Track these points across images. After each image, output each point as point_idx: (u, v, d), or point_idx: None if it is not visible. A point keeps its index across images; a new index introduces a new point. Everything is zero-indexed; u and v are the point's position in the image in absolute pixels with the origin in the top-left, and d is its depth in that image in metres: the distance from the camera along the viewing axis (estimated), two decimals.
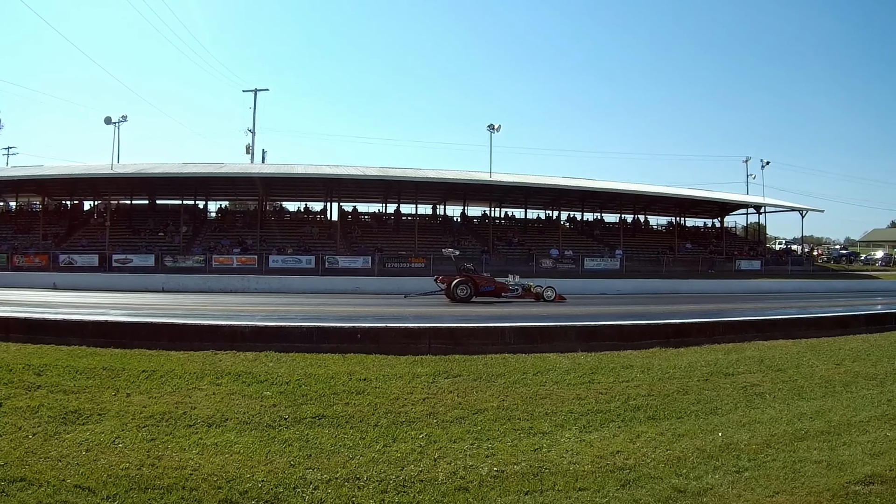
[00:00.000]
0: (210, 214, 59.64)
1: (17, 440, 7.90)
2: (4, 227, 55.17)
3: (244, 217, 59.36)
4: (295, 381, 10.38)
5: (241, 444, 7.80)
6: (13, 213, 59.96)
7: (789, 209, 62.02)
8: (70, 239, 51.47)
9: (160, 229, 53.08)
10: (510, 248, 54.73)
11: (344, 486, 6.68)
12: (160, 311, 20.70)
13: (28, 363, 11.33)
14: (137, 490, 6.51)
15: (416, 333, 13.54)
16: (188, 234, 52.01)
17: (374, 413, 9.03)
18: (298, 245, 50.07)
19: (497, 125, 53.08)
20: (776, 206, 63.32)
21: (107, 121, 51.86)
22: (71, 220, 55.95)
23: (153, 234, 52.05)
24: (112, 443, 7.78)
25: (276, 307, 23.02)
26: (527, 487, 6.70)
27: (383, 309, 23.14)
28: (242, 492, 6.51)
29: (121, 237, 50.26)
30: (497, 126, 53.04)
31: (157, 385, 10.18)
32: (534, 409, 9.39)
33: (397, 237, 54.68)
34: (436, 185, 53.99)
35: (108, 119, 51.91)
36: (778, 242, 79.54)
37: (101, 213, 55.70)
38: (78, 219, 56.51)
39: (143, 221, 55.02)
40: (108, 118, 51.81)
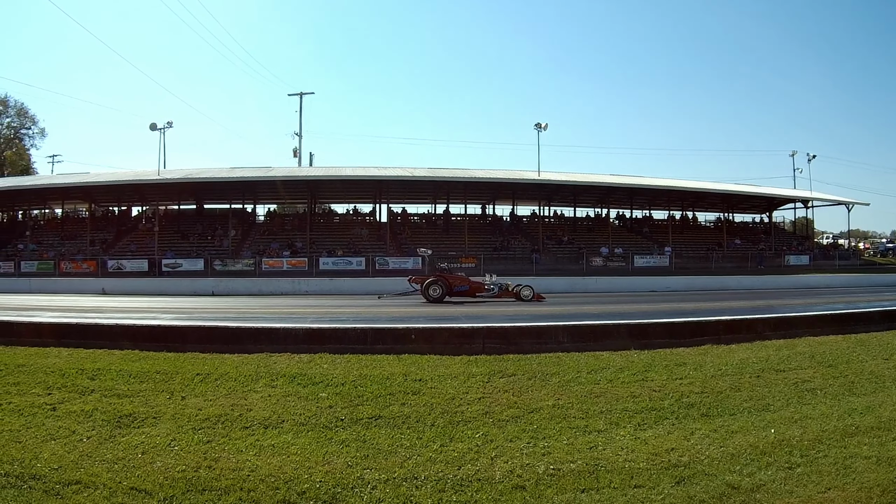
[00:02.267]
0: (259, 218, 60.48)
1: (71, 444, 8.15)
2: (51, 234, 56.95)
3: (293, 220, 60.11)
4: (351, 383, 10.51)
5: (298, 445, 7.94)
6: (59, 219, 61.57)
7: (836, 203, 61.64)
8: (118, 244, 52.84)
9: (209, 233, 54.12)
10: (560, 246, 54.59)
11: (402, 485, 6.78)
12: (211, 314, 21.08)
13: (81, 368, 11.68)
14: (194, 492, 6.67)
15: (469, 333, 13.56)
16: (237, 238, 52.87)
17: (431, 413, 9.12)
18: (348, 247, 50.55)
19: (544, 124, 53.46)
20: (823, 201, 62.82)
21: (152, 127, 53.07)
22: (119, 225, 57.41)
23: (202, 239, 53.09)
24: (168, 445, 7.96)
25: (327, 309, 23.31)
26: (583, 485, 6.76)
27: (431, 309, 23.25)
28: (300, 492, 6.62)
29: (169, 242, 51.36)
30: (544, 125, 53.40)
31: (213, 388, 10.41)
32: (589, 407, 9.41)
33: (447, 237, 54.90)
34: (484, 184, 54.30)
35: (154, 125, 53.14)
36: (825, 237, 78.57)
37: (149, 219, 57.02)
38: (126, 224, 57.96)
39: (191, 226, 56.16)
40: (153, 124, 53.07)
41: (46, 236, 56.92)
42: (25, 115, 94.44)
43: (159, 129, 53.34)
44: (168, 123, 53.74)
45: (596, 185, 55.34)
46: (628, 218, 64.59)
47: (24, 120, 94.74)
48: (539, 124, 53.20)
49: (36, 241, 54.96)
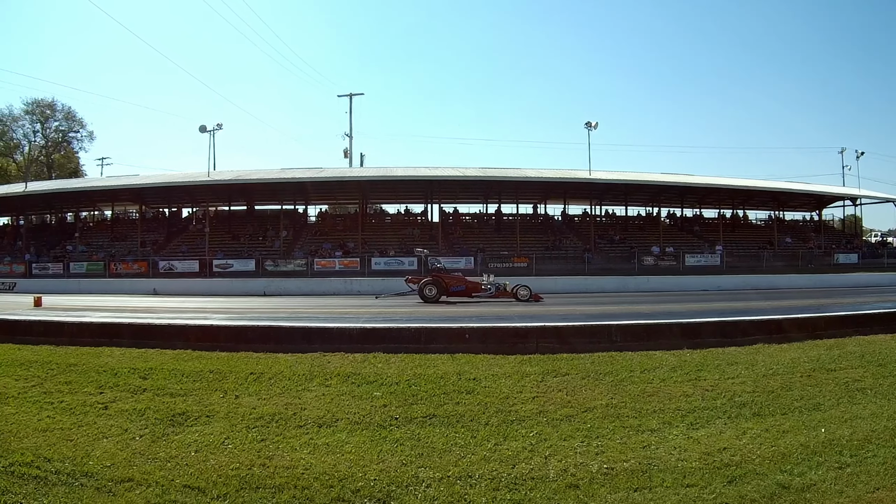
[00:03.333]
0: (310, 218, 60.97)
1: (123, 442, 8.35)
2: (100, 235, 58.28)
3: (345, 220, 60.61)
4: (405, 382, 10.64)
5: (353, 443, 8.04)
6: (109, 221, 62.84)
7: (885, 200, 60.91)
8: (169, 245, 53.92)
9: (260, 234, 54.82)
10: (611, 246, 54.48)
11: (456, 483, 6.86)
12: (264, 314, 21.35)
13: (133, 367, 11.96)
14: (248, 489, 6.79)
15: (523, 333, 13.63)
16: (288, 239, 53.45)
17: (485, 412, 9.21)
18: (400, 247, 50.69)
19: (594, 122, 53.43)
20: (873, 198, 61.96)
21: (202, 129, 54.08)
22: (169, 226, 58.55)
23: (253, 239, 53.79)
24: (221, 444, 8.12)
25: (380, 309, 23.55)
26: (636, 484, 6.81)
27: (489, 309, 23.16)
28: (355, 490, 6.72)
29: (220, 243, 52.08)
30: (594, 123, 53.35)
31: (266, 387, 10.60)
32: (642, 406, 9.46)
33: (499, 237, 55.04)
34: (535, 184, 54.31)
35: (203, 128, 54.16)
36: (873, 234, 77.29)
37: (199, 220, 57.86)
38: (176, 226, 59.05)
39: (242, 227, 56.94)
40: (202, 126, 54.05)
41: (96, 238, 58.29)
42: (73, 119, 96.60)
43: (209, 132, 54.30)
44: (218, 126, 54.77)
45: (647, 183, 55.27)
46: (679, 217, 64.27)
47: (72, 123, 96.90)
48: (589, 123, 53.23)
49: (85, 242, 56.29)
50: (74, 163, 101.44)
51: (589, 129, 53.28)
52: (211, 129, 54.26)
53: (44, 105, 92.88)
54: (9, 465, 7.53)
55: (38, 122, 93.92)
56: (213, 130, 54.39)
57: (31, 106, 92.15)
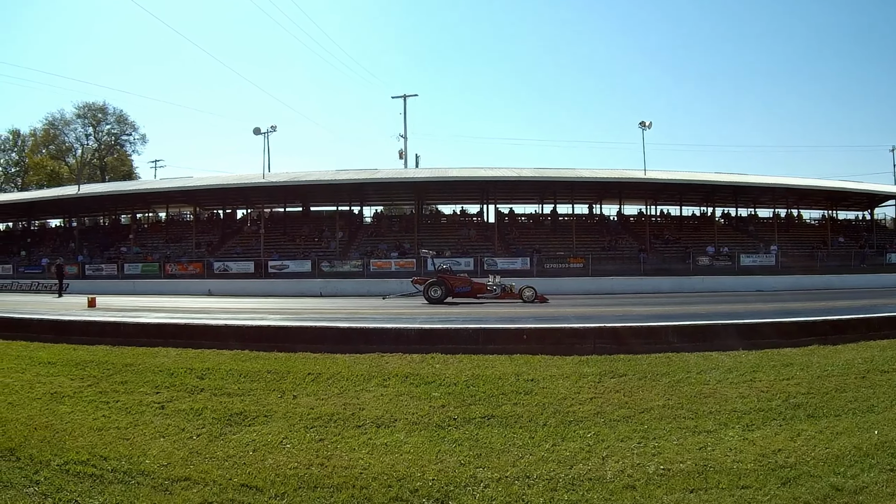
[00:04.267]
0: (366, 220, 61.46)
1: (180, 441, 8.52)
2: (155, 237, 59.60)
3: (400, 221, 61.18)
4: (463, 382, 10.72)
5: (411, 443, 8.12)
6: (163, 223, 64.04)
7: None
8: (224, 247, 54.94)
9: (315, 235, 55.45)
10: (666, 246, 54.29)
11: (514, 484, 6.89)
12: (320, 315, 21.63)
13: (190, 367, 12.22)
14: (306, 488, 6.86)
15: (581, 333, 13.70)
16: (344, 240, 53.99)
17: (543, 413, 9.24)
18: (456, 247, 50.87)
19: (648, 122, 53.84)
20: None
21: (255, 131, 55.42)
22: (224, 228, 59.52)
23: (308, 240, 54.41)
24: (280, 443, 8.24)
25: (436, 309, 23.79)
26: (692, 485, 6.79)
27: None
28: (413, 490, 6.77)
29: (275, 244, 52.87)
30: (648, 123, 53.70)
31: (324, 387, 10.75)
32: (698, 407, 9.44)
33: (554, 237, 55.11)
34: (590, 184, 54.50)
35: (258, 130, 55.54)
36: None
37: (254, 221, 58.63)
38: (231, 227, 60.02)
39: (297, 228, 57.69)
40: (256, 129, 55.48)
41: (150, 239, 59.80)
42: (125, 122, 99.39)
43: (263, 134, 55.36)
44: (272, 127, 56.01)
45: (701, 183, 55.02)
46: (733, 216, 63.61)
47: (125, 127, 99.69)
48: (643, 123, 53.59)
49: (139, 243, 57.77)
50: (127, 165, 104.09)
51: (643, 129, 53.81)
52: (265, 132, 55.48)
53: (95, 109, 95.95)
54: (63, 464, 7.71)
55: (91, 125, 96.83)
56: (267, 132, 55.67)
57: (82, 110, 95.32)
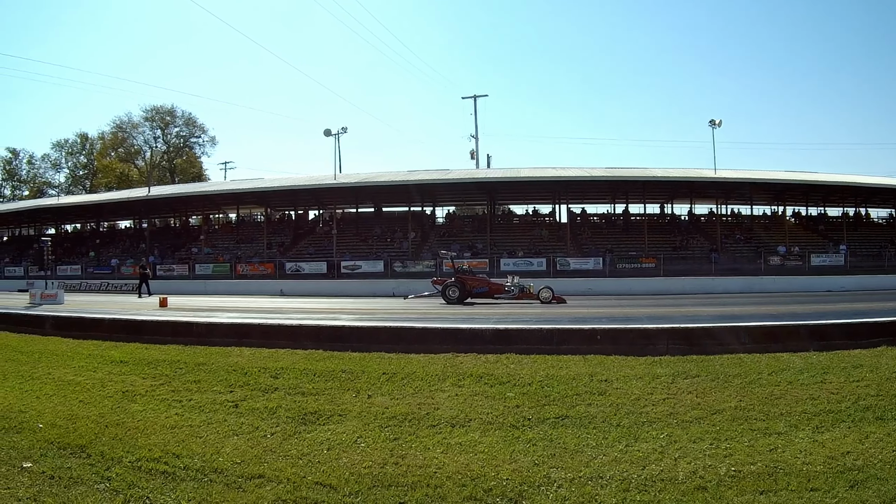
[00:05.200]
0: (438, 220, 61.72)
1: (254, 439, 8.77)
2: (226, 238, 60.76)
3: (472, 221, 61.23)
4: (537, 383, 10.86)
5: (485, 443, 8.23)
6: (234, 223, 65.32)
7: None
8: (296, 247, 55.76)
9: (388, 236, 55.89)
10: (737, 246, 53.52)
11: (587, 484, 6.94)
12: (393, 315, 21.90)
13: (263, 367, 12.58)
14: (381, 487, 7.00)
15: (653, 334, 13.84)
16: (416, 240, 54.24)
17: (616, 413, 9.34)
18: (529, 248, 50.86)
19: (718, 120, 53.19)
20: None
21: (326, 133, 56.19)
22: (296, 229, 60.32)
23: (381, 241, 54.86)
24: (354, 442, 8.43)
25: (509, 310, 23.99)
26: (762, 487, 6.81)
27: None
28: (487, 489, 6.86)
29: (347, 244, 53.44)
30: (718, 121, 53.12)
31: (399, 387, 10.98)
32: (769, 409, 9.45)
33: (626, 237, 54.80)
34: (661, 183, 53.80)
35: (328, 131, 56.29)
36: None
37: (326, 222, 59.33)
38: (303, 228, 60.82)
39: (369, 229, 58.25)
40: (327, 130, 56.24)
41: (220, 240, 61.09)
42: (194, 125, 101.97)
43: (334, 135, 56.05)
44: (343, 129, 56.68)
45: (771, 182, 54.37)
46: (804, 215, 62.37)
47: (193, 129, 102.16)
48: (713, 121, 53.10)
49: (210, 244, 58.92)
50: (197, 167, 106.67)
51: (713, 127, 53.30)
52: (336, 133, 56.12)
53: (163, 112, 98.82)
54: (135, 461, 7.99)
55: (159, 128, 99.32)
56: (337, 134, 56.35)
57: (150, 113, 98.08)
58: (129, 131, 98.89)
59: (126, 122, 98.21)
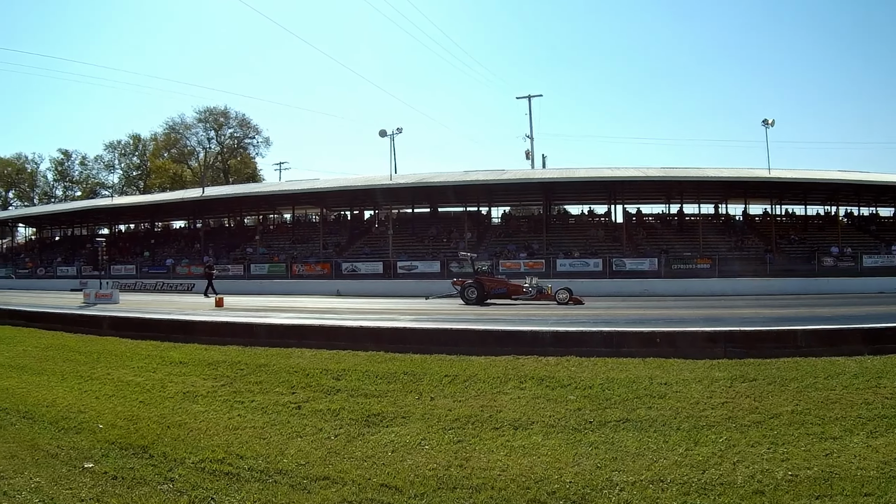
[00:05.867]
0: (494, 220, 61.75)
1: (317, 441, 8.96)
2: (281, 238, 61.54)
3: (528, 222, 61.13)
4: (598, 386, 10.93)
5: (548, 446, 8.33)
6: (289, 224, 66.02)
7: None
8: (351, 247, 56.27)
9: (444, 236, 56.03)
10: (791, 246, 52.74)
11: (648, 488, 7.02)
12: (451, 316, 22.05)
13: (325, 368, 12.81)
14: (445, 489, 7.12)
15: (712, 337, 13.76)
16: (472, 240, 54.31)
17: (676, 417, 9.38)
18: (584, 248, 50.76)
19: (771, 120, 52.51)
20: None
21: (381, 133, 56.77)
22: (352, 229, 60.69)
23: (437, 241, 55.01)
24: (418, 444, 8.58)
25: (566, 311, 23.96)
26: (817, 492, 6.82)
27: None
28: (550, 492, 6.96)
29: (404, 244, 53.74)
30: (771, 121, 52.43)
31: (461, 389, 11.12)
32: (825, 413, 9.41)
33: (681, 238, 54.30)
34: (715, 183, 53.28)
35: (383, 132, 56.83)
36: None
37: (382, 222, 59.63)
38: (359, 228, 61.38)
39: (425, 229, 58.49)
40: (382, 131, 56.82)
41: (276, 240, 61.84)
42: (248, 126, 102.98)
43: (389, 135, 56.49)
44: (398, 129, 57.14)
45: (823, 182, 53.55)
46: (857, 216, 61.52)
47: (247, 130, 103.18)
48: (766, 120, 52.46)
49: (265, 244, 59.71)
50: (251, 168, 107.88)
51: (766, 127, 52.64)
52: (391, 133, 56.57)
53: (217, 113, 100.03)
54: (199, 462, 8.22)
55: (213, 129, 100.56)
56: (392, 134, 56.78)
57: (203, 114, 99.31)
58: (182, 132, 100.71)
59: (179, 124, 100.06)
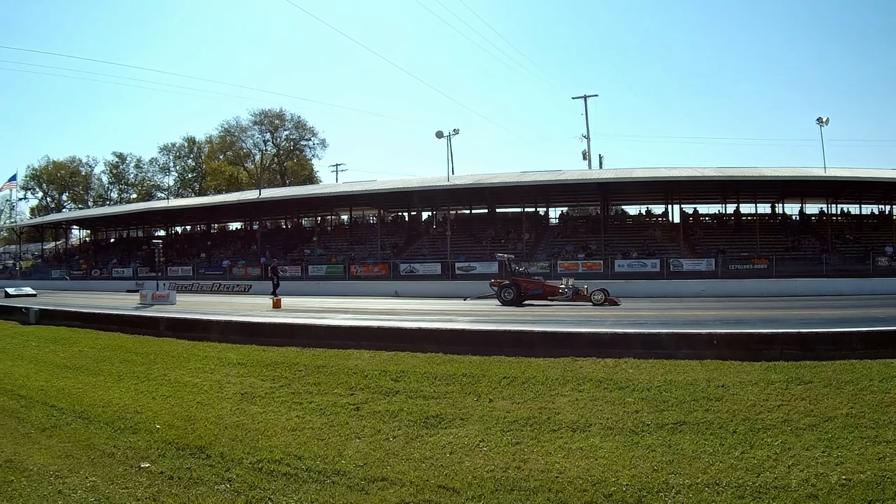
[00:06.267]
0: (551, 221, 61.45)
1: (376, 442, 9.10)
2: (339, 239, 61.97)
3: (586, 222, 60.73)
4: (656, 388, 10.90)
5: (606, 448, 8.36)
6: (347, 225, 66.62)
7: None
8: (409, 248, 56.46)
9: (502, 237, 55.90)
10: (847, 246, 51.65)
11: (704, 491, 7.03)
12: (510, 318, 22.08)
13: (384, 369, 12.94)
14: (503, 491, 7.19)
15: (768, 339, 13.61)
16: (531, 241, 54.15)
17: (732, 420, 9.35)
18: (642, 249, 50.39)
19: (825, 118, 51.77)
20: None
21: (438, 135, 56.84)
22: (409, 230, 60.87)
23: (495, 242, 54.86)
24: (476, 446, 8.65)
25: (625, 312, 23.92)
26: (870, 496, 6.83)
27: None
28: (607, 495, 7.00)
29: (462, 245, 53.70)
30: (825, 119, 51.71)
31: (520, 391, 11.17)
32: (879, 416, 9.31)
33: (738, 238, 53.44)
34: (771, 182, 52.34)
35: (440, 133, 56.91)
36: None
37: (439, 223, 59.64)
38: (416, 229, 61.53)
39: (483, 230, 58.39)
40: (439, 132, 56.86)
41: (334, 241, 62.26)
42: (304, 128, 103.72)
43: (445, 137, 56.58)
44: (454, 131, 57.23)
45: (878, 180, 52.24)
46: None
47: (303, 132, 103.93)
48: (820, 119, 51.75)
49: (323, 245, 60.17)
50: (308, 169, 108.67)
51: (821, 125, 51.98)
52: (447, 134, 56.62)
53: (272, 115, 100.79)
54: (257, 462, 8.40)
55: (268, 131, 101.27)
56: (449, 135, 56.79)
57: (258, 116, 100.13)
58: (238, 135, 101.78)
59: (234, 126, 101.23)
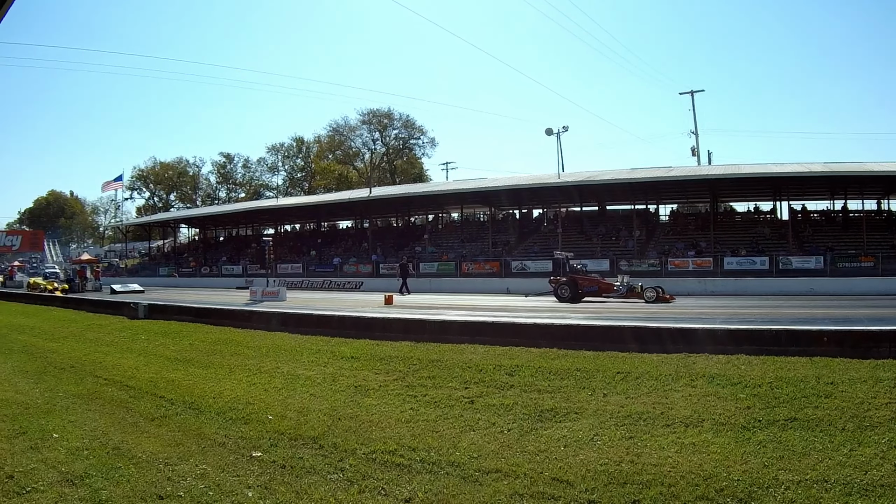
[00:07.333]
0: (661, 218, 60.80)
1: (490, 435, 9.33)
2: (450, 237, 62.49)
3: (696, 219, 59.76)
4: (767, 384, 10.89)
5: (718, 444, 8.42)
6: (458, 223, 67.03)
7: None
8: (521, 246, 56.54)
9: (612, 234, 55.46)
10: None
11: (812, 487, 7.03)
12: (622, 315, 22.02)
13: (498, 364, 13.21)
14: (616, 484, 7.32)
15: (877, 337, 13.43)
16: (641, 238, 53.66)
17: (841, 417, 9.28)
18: (751, 246, 49.40)
19: None
20: None
21: (548, 132, 57.28)
22: (520, 227, 60.87)
23: (605, 239, 54.57)
24: (590, 440, 8.81)
25: (734, 310, 23.66)
26: None
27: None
28: (718, 489, 7.07)
29: (572, 243, 53.39)
30: None
31: (633, 386, 11.29)
32: None
33: (845, 235, 51.57)
34: (877, 178, 50.33)
35: (549, 130, 57.38)
36: None
37: (550, 221, 59.59)
38: (527, 226, 61.44)
39: (593, 227, 58.05)
40: (548, 129, 57.31)
41: (444, 239, 62.76)
42: (413, 127, 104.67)
43: (555, 134, 56.69)
44: (564, 128, 57.42)
45: None
46: None
47: (412, 131, 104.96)
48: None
49: (434, 243, 60.80)
50: (418, 168, 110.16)
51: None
52: (557, 132, 56.73)
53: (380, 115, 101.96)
54: (370, 453, 8.72)
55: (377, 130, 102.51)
56: (559, 132, 56.91)
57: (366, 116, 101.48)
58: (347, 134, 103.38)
59: (343, 126, 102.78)
